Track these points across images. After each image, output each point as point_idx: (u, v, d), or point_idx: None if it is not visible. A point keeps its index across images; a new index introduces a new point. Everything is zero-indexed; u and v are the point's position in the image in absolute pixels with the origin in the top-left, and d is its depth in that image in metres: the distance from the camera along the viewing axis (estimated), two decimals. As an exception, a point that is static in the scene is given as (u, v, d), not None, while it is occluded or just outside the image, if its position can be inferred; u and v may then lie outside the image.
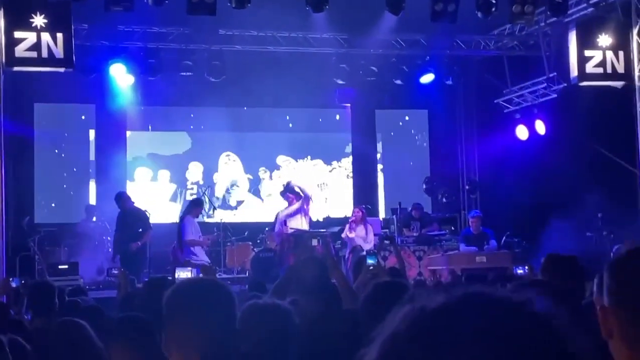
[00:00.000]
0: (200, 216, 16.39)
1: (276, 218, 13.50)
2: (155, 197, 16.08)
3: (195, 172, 16.73)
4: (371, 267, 6.13)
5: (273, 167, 17.11)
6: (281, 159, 17.17)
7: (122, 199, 12.89)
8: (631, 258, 1.63)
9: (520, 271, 7.49)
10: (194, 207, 12.95)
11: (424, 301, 0.90)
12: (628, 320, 1.55)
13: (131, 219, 12.69)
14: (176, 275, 8.07)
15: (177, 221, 13.17)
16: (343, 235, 13.42)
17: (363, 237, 13.02)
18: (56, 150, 15.91)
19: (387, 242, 10.84)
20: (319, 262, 4.90)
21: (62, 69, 11.81)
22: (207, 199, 15.46)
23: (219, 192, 16.66)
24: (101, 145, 15.89)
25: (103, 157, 15.75)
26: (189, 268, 9.01)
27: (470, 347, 0.84)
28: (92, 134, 16.22)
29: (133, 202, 12.99)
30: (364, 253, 10.27)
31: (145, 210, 13.13)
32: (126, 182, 15.70)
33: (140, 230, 12.72)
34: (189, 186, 16.68)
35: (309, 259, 5.12)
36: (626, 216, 13.08)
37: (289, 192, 13.10)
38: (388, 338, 0.89)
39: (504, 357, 0.83)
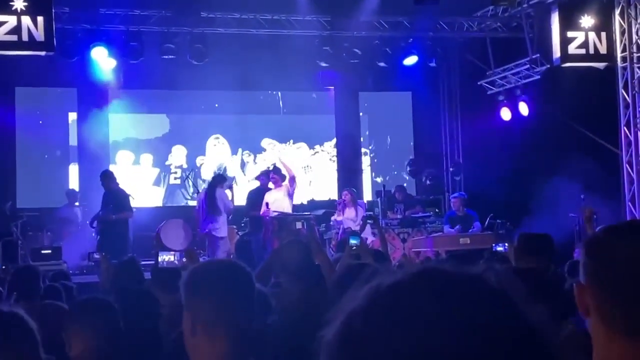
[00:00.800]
0: (184, 199, 16.44)
1: (247, 200, 13.40)
2: (138, 181, 15.99)
3: (178, 155, 16.66)
4: (354, 248, 6.08)
5: (257, 150, 17.06)
6: (266, 142, 17.12)
7: (107, 177, 12.78)
8: (607, 236, 1.64)
9: (500, 248, 7.51)
10: (220, 180, 12.94)
11: (382, 279, 0.91)
12: (604, 298, 1.56)
13: (114, 199, 12.60)
14: (159, 259, 8.07)
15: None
16: (332, 218, 13.34)
17: (352, 219, 12.92)
18: (38, 134, 15.78)
19: (370, 221, 10.76)
20: (303, 245, 4.89)
21: (43, 53, 11.73)
22: (190, 183, 15.41)
23: (205, 174, 16.58)
24: (83, 129, 15.76)
25: (85, 141, 15.64)
26: (172, 252, 9.00)
27: (425, 322, 0.85)
28: (72, 117, 16.11)
29: (118, 183, 12.93)
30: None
31: (129, 194, 13.05)
32: (109, 166, 15.61)
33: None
34: (173, 170, 16.61)
35: (293, 242, 5.11)
36: (609, 197, 13.16)
37: (274, 172, 12.98)
38: (346, 316, 0.90)
39: (458, 329, 0.84)
